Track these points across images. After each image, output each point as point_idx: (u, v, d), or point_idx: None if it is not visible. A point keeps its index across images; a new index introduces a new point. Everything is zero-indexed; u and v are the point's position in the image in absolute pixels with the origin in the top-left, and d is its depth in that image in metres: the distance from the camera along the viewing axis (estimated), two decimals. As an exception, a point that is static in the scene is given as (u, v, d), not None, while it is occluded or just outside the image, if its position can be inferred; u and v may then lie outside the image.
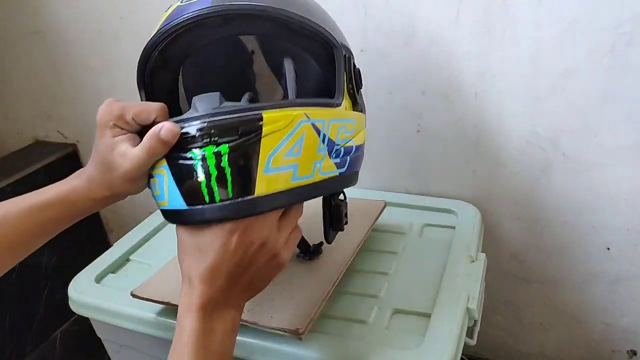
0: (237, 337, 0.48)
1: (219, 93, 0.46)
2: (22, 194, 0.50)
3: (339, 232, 0.60)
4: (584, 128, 0.77)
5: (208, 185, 0.43)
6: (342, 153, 0.51)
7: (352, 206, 0.76)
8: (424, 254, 0.74)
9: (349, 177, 0.54)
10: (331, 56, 0.53)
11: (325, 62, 0.54)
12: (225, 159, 0.43)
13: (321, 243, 0.68)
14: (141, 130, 0.47)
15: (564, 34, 0.71)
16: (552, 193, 0.84)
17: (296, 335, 0.55)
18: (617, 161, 0.78)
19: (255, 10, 0.48)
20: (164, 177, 0.45)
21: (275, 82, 0.67)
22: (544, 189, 0.84)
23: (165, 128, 0.43)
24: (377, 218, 0.76)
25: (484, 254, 0.73)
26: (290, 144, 0.45)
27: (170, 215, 0.47)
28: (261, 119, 0.43)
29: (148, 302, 0.64)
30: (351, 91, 0.53)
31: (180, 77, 0.58)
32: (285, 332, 0.56)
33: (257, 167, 0.44)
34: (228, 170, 0.43)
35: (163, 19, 0.50)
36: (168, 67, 0.55)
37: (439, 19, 0.77)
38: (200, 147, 0.43)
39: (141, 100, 0.53)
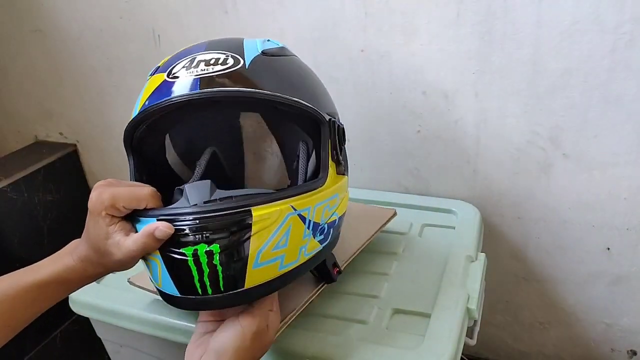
0: None
1: (209, 182, 0.48)
2: (22, 194, 0.50)
3: (339, 239, 0.60)
4: (584, 128, 0.77)
5: (201, 280, 0.46)
6: (325, 229, 0.53)
7: (360, 211, 0.74)
8: (424, 254, 0.74)
9: (331, 244, 0.56)
10: (317, 127, 0.53)
11: (311, 132, 0.56)
12: (217, 257, 0.45)
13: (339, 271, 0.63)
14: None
15: (564, 34, 0.72)
16: (552, 193, 0.84)
17: None
18: (617, 161, 0.78)
19: (244, 96, 0.48)
20: (158, 265, 0.47)
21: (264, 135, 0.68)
22: (544, 189, 0.84)
23: (160, 229, 0.45)
24: (380, 228, 0.72)
25: (484, 254, 0.73)
26: (278, 237, 0.47)
27: (164, 297, 0.49)
28: (251, 217, 0.45)
29: (143, 291, 0.65)
30: (335, 156, 0.54)
31: (167, 137, 0.60)
32: None
33: (247, 264, 0.46)
34: (220, 269, 0.45)
35: (148, 93, 0.50)
36: (155, 134, 0.56)
37: (439, 19, 0.77)
38: (193, 245, 0.45)
39: (129, 164, 0.55)
